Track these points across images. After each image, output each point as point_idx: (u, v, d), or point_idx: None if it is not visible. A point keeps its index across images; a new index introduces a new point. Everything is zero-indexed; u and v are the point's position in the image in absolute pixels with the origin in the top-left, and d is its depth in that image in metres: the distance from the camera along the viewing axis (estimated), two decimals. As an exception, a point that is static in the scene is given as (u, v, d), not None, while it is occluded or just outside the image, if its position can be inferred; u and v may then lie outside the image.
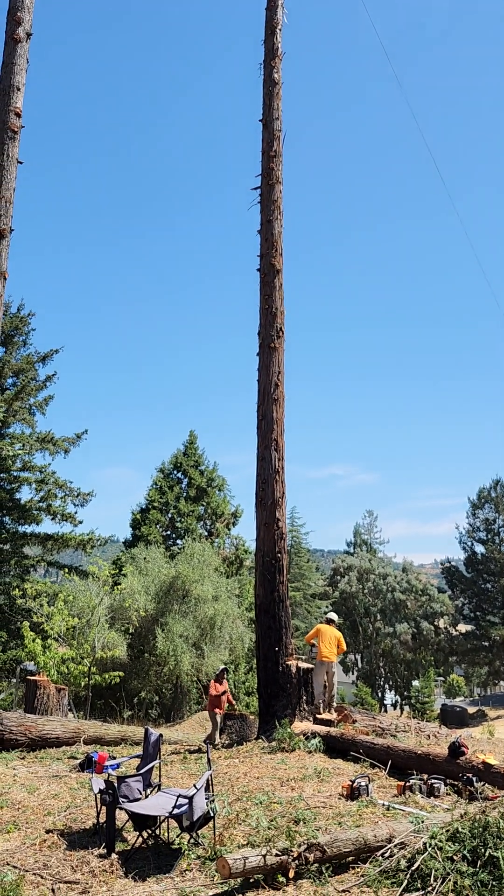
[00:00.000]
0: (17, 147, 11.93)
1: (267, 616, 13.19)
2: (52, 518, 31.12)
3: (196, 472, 37.56)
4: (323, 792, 8.25)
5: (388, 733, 12.07)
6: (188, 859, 6.22)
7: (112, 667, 22.95)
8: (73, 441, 32.07)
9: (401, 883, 5.44)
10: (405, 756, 9.45)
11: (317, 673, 13.06)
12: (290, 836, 6.39)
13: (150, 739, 7.68)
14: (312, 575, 56.68)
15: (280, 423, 14.09)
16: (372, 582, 58.77)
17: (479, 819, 5.94)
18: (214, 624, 27.04)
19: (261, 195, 15.34)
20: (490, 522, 55.72)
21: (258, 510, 13.83)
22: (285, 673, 12.67)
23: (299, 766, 9.54)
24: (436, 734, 13.15)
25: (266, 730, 12.14)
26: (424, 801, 7.81)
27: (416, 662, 57.00)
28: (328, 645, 13.30)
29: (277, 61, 15.96)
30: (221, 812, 7.04)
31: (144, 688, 26.42)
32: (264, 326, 14.58)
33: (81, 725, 12.78)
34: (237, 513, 37.87)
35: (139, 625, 25.60)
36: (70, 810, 7.63)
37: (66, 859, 6.21)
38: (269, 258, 14.87)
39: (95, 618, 22.22)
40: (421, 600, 58.54)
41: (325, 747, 10.69)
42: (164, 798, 6.80)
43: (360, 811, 7.34)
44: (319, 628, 13.43)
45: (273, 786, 8.48)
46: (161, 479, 37.21)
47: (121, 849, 6.50)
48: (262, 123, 15.72)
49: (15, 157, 11.85)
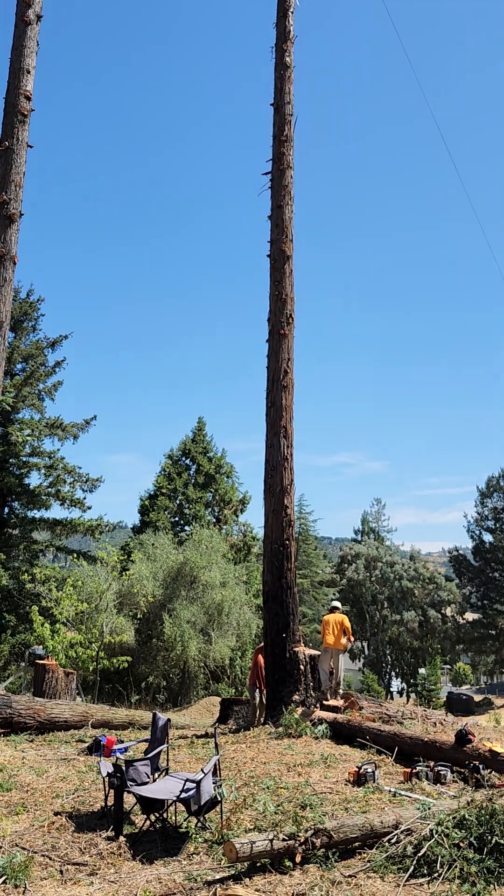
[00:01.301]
0: (27, 131, 11.87)
1: (275, 603, 13.21)
2: (60, 503, 31.27)
3: (204, 459, 37.62)
4: (329, 778, 8.28)
5: (395, 720, 12.10)
6: (195, 843, 6.26)
7: (120, 651, 23.10)
8: (81, 427, 32.15)
9: (407, 869, 5.46)
10: (412, 743, 9.48)
11: (322, 660, 13.12)
12: (296, 821, 6.42)
13: (157, 724, 7.71)
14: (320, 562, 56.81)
15: (289, 410, 14.04)
16: (379, 570, 58.82)
17: (485, 806, 5.95)
18: (222, 610, 27.15)
19: (271, 180, 15.21)
20: (498, 511, 55.56)
21: (266, 497, 13.81)
22: (293, 659, 12.70)
23: (306, 752, 9.58)
24: (442, 721, 13.16)
25: (273, 715, 12.18)
26: (431, 788, 7.83)
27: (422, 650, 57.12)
28: (332, 632, 13.49)
29: (290, 44, 15.78)
30: (229, 796, 7.08)
31: (152, 673, 26.57)
32: (274, 313, 14.50)
33: (89, 709, 12.87)
34: (245, 499, 37.95)
35: (147, 610, 25.73)
36: (78, 793, 7.69)
37: (75, 841, 6.26)
38: (279, 244, 14.77)
39: (104, 603, 22.34)
40: (428, 588, 58.59)
41: (331, 733, 10.73)
42: (171, 782, 6.84)
43: (366, 797, 7.37)
44: (324, 618, 13.81)
45: (280, 771, 8.52)
46: (169, 466, 37.29)
47: (128, 832, 6.55)
48: (274, 107, 15.57)
49: (25, 141, 11.81)
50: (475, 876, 5.32)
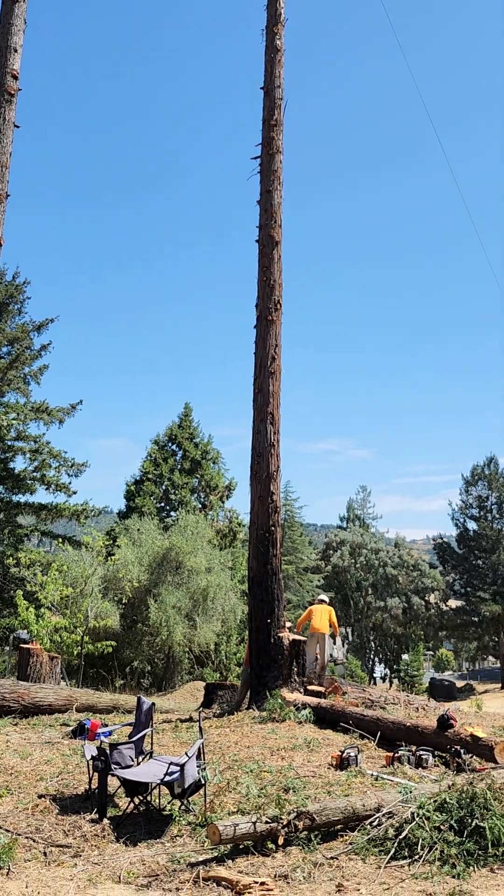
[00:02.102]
0: (14, 110, 11.70)
1: (260, 588, 13.26)
2: (46, 488, 31.13)
3: (191, 445, 37.58)
4: (313, 762, 8.35)
5: (378, 705, 12.20)
6: (179, 825, 6.31)
7: (105, 636, 23.10)
8: (67, 411, 31.96)
9: (388, 851, 5.53)
10: (394, 728, 9.57)
11: (308, 645, 13.21)
12: (279, 804, 6.48)
13: (142, 708, 7.74)
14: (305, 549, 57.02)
15: (276, 396, 14.04)
16: (364, 557, 59.14)
17: (466, 790, 6.03)
18: (207, 595, 27.23)
19: (261, 165, 15.12)
20: (483, 499, 55.96)
21: (252, 483, 13.83)
22: (277, 645, 12.76)
23: (289, 736, 9.65)
24: (424, 707, 13.29)
25: (257, 700, 12.26)
26: (413, 772, 7.92)
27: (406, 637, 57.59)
28: (319, 619, 13.61)
29: (280, 27, 15.65)
30: (212, 780, 7.13)
31: (137, 657, 26.63)
32: (262, 299, 14.46)
33: (74, 693, 12.89)
34: (231, 486, 37.97)
35: (132, 595, 25.73)
36: (62, 776, 7.71)
37: (59, 824, 6.29)
38: (268, 229, 14.71)
39: (89, 588, 22.31)
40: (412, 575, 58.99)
41: (315, 718, 10.81)
42: (155, 765, 6.87)
43: (349, 781, 7.44)
44: (310, 608, 13.92)
45: (263, 755, 8.58)
46: (156, 451, 37.23)
47: (112, 814, 6.58)
48: (264, 91, 15.45)
49: (11, 121, 11.63)
50: (455, 858, 5.39)
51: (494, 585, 53.24)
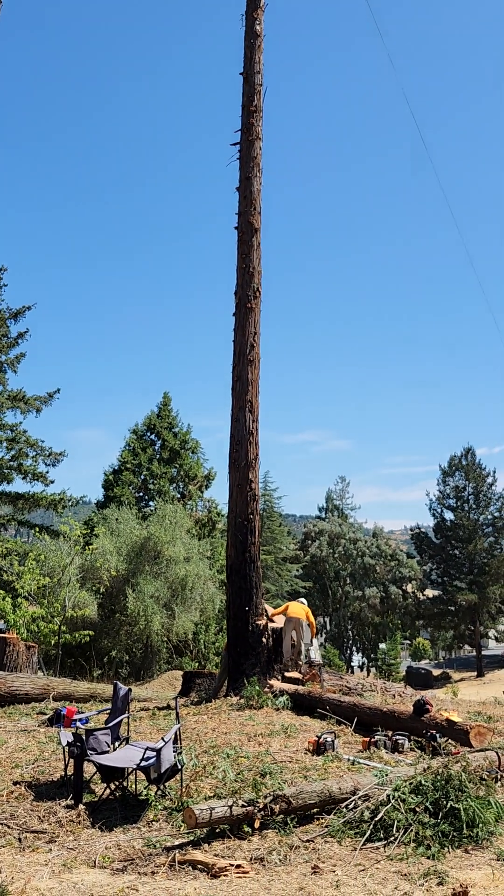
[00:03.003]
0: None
1: (238, 577, 13.25)
2: (22, 477, 30.91)
3: (169, 434, 37.44)
4: (290, 747, 8.37)
5: (355, 692, 12.27)
6: (155, 810, 6.29)
7: (82, 626, 23.02)
8: (45, 400, 31.71)
9: (364, 833, 5.55)
10: (371, 713, 9.62)
11: (285, 630, 13.24)
12: (256, 788, 6.48)
13: (118, 694, 7.71)
14: (284, 539, 57.12)
15: (255, 384, 13.99)
16: (342, 546, 59.44)
17: (441, 773, 6.07)
18: (186, 585, 27.20)
19: (240, 151, 15.01)
20: (460, 490, 56.50)
21: (231, 471, 13.79)
22: (255, 632, 12.77)
23: (267, 723, 9.67)
24: (401, 694, 13.39)
25: (235, 687, 12.26)
26: (389, 757, 7.96)
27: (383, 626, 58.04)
28: (296, 608, 13.67)
29: (260, 13, 15.52)
30: (189, 765, 7.12)
31: (115, 647, 26.56)
32: (241, 286, 14.39)
33: (51, 682, 12.82)
34: (210, 475, 37.91)
35: (110, 585, 25.64)
36: (38, 763, 7.66)
37: (34, 810, 6.25)
38: (247, 216, 14.62)
39: (66, 577, 22.22)
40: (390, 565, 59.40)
41: (292, 705, 10.84)
42: (132, 751, 6.85)
43: (325, 765, 7.47)
44: (287, 603, 13.99)
45: (241, 741, 8.59)
46: (134, 441, 37.06)
47: (88, 800, 6.55)
48: (243, 77, 15.33)
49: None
50: (430, 839, 5.43)
51: (471, 575, 53.86)
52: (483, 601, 52.01)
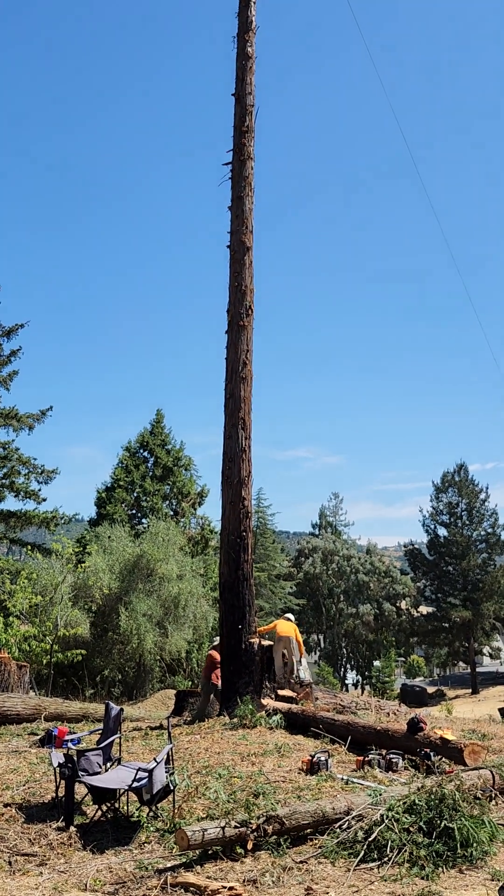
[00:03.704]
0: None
1: (231, 594, 13.20)
2: (15, 495, 30.73)
3: (162, 451, 37.40)
4: (283, 767, 8.31)
5: (349, 710, 12.21)
6: (147, 832, 6.23)
7: (75, 645, 22.85)
8: (37, 417, 31.60)
9: (358, 853, 5.51)
10: (364, 732, 9.57)
11: (275, 649, 13.17)
12: (249, 808, 6.42)
13: (110, 713, 7.65)
14: (277, 556, 56.97)
15: (247, 401, 14.02)
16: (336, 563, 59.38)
17: (435, 792, 6.04)
18: (179, 603, 27.06)
19: (232, 171, 15.13)
20: (453, 506, 56.54)
21: (224, 488, 13.78)
22: (248, 651, 12.70)
23: (260, 742, 9.60)
24: (395, 712, 13.33)
25: (228, 706, 12.18)
26: (383, 776, 7.91)
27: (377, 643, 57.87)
28: (285, 626, 13.62)
29: (251, 35, 15.70)
30: (181, 785, 7.06)
31: (107, 666, 26.35)
32: (233, 304, 14.45)
33: (42, 702, 12.73)
34: (203, 492, 37.84)
35: (103, 603, 25.49)
36: (29, 784, 7.58)
37: (24, 832, 6.18)
38: (239, 235, 14.71)
39: (58, 595, 22.09)
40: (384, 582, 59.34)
41: (286, 724, 10.77)
42: (123, 772, 6.79)
43: (319, 785, 7.42)
44: (276, 621, 13.92)
45: (234, 761, 8.52)
46: (127, 458, 37.00)
47: (80, 822, 6.48)
48: (235, 98, 15.48)
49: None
50: (424, 859, 5.39)
51: (465, 591, 53.80)
52: (477, 618, 51.92)
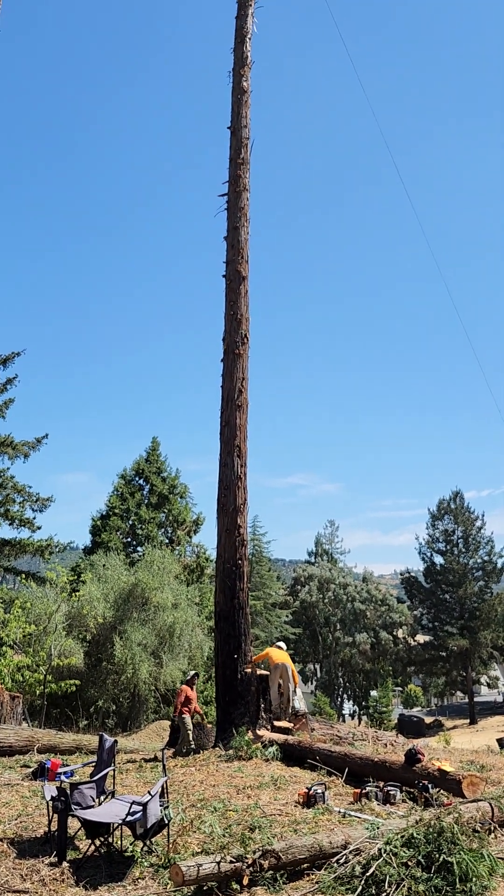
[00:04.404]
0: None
1: (226, 623, 13.12)
2: (9, 523, 30.59)
3: (158, 479, 37.35)
4: (279, 800, 8.19)
5: (346, 741, 12.07)
6: (141, 867, 6.11)
7: (68, 675, 22.62)
8: (33, 445, 31.58)
9: (355, 889, 5.41)
10: (362, 763, 9.45)
11: (271, 679, 13.03)
12: (244, 843, 6.32)
13: (104, 746, 7.55)
14: (273, 584, 56.67)
15: (243, 429, 14.07)
16: (332, 591, 59.04)
17: (433, 825, 5.95)
18: (174, 632, 26.82)
19: (228, 202, 15.36)
20: (449, 534, 56.45)
21: (219, 516, 13.77)
22: (244, 680, 12.59)
23: (256, 774, 9.48)
24: (392, 742, 13.18)
25: (224, 738, 12.04)
26: (380, 808, 7.81)
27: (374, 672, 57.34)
28: (278, 654, 13.49)
29: (247, 70, 16.04)
30: (176, 819, 6.95)
31: (101, 697, 26.04)
32: (229, 333, 14.57)
33: (35, 734, 12.56)
34: (199, 520, 37.72)
35: (97, 632, 25.26)
36: (21, 819, 7.46)
37: (16, 868, 6.06)
38: (234, 265, 14.88)
39: (52, 625, 21.90)
40: (380, 610, 58.98)
41: (282, 755, 10.64)
42: (117, 805, 6.68)
43: (315, 818, 7.31)
44: (268, 649, 13.74)
45: (229, 793, 8.41)
46: (122, 486, 36.93)
47: (72, 857, 6.36)
48: (231, 131, 15.76)
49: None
50: (423, 894, 5.30)
51: (462, 619, 53.50)
52: (474, 646, 51.57)
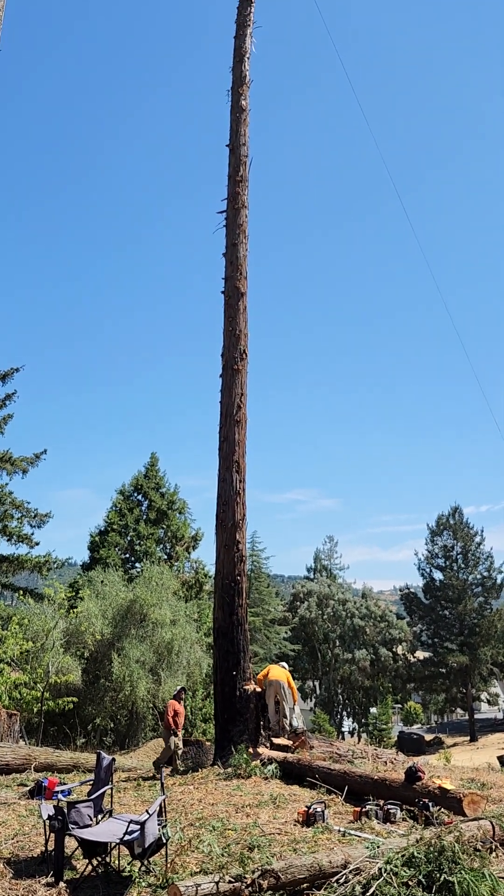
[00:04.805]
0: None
1: (225, 640, 13.06)
2: (7, 539, 30.49)
3: (156, 495, 37.30)
4: (279, 818, 8.12)
5: (345, 759, 11.97)
6: (139, 887, 6.04)
7: (66, 692, 22.46)
8: (31, 461, 31.54)
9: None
10: (361, 781, 9.37)
11: (267, 695, 12.93)
12: (243, 862, 6.25)
13: (102, 764, 7.48)
14: (272, 600, 56.41)
15: (241, 444, 14.07)
16: (331, 608, 58.79)
17: (434, 844, 5.89)
18: (172, 649, 26.66)
19: (226, 219, 15.46)
20: (448, 549, 56.31)
21: (218, 532, 13.74)
22: (243, 697, 12.52)
23: (255, 793, 9.39)
24: (392, 760, 13.08)
25: (222, 755, 11.95)
26: (380, 827, 7.73)
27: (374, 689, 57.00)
28: (277, 672, 13.38)
29: (245, 88, 16.19)
30: (174, 838, 6.88)
31: (99, 714, 25.86)
32: (228, 348, 14.61)
33: (32, 752, 12.46)
34: (197, 536, 37.63)
35: (95, 649, 25.12)
36: (18, 838, 7.38)
37: (12, 888, 5.98)
38: (233, 281, 14.95)
39: (50, 642, 21.78)
40: (380, 626, 58.71)
41: (281, 773, 10.55)
42: (115, 824, 6.61)
43: (315, 837, 7.24)
44: (269, 666, 13.61)
45: (228, 812, 8.33)
46: (121, 501, 36.87)
47: (69, 877, 6.29)
48: (229, 148, 15.89)
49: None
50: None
51: (461, 636, 53.25)
52: (474, 663, 51.30)
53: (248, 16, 16.95)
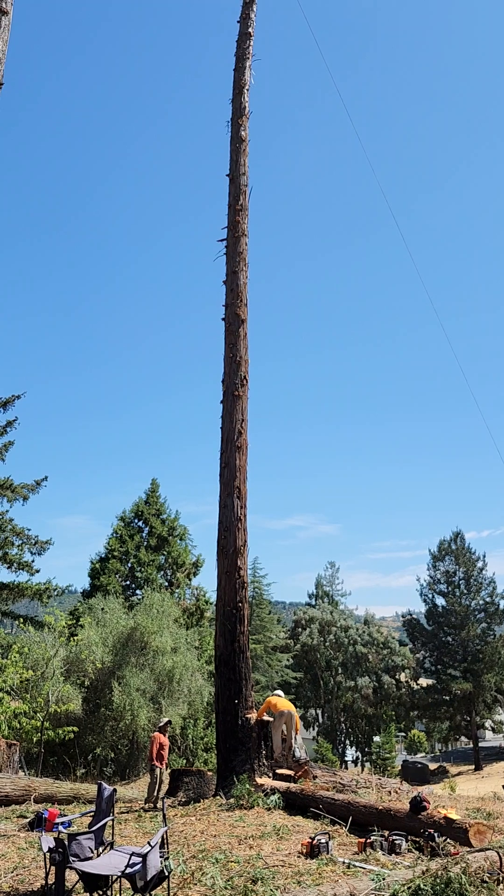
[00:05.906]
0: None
1: (227, 668, 12.95)
2: (7, 567, 30.33)
3: (157, 521, 37.22)
4: (282, 850, 8.00)
5: (349, 789, 11.83)
6: (141, 922, 5.94)
7: (66, 721, 22.23)
8: (32, 488, 31.49)
9: (361, 944, 5.25)
10: (366, 812, 9.25)
11: (275, 726, 12.81)
12: (247, 895, 6.16)
13: (103, 794, 7.39)
14: (274, 627, 56.04)
15: (243, 470, 14.08)
16: (333, 634, 58.37)
17: (440, 875, 5.81)
18: (173, 677, 26.43)
19: (227, 247, 15.63)
20: (450, 575, 55.99)
21: (219, 558, 13.69)
22: (245, 726, 12.39)
23: (258, 824, 9.27)
24: (397, 790, 12.92)
25: (224, 786, 11.80)
26: (385, 858, 7.61)
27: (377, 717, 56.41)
28: (282, 702, 13.21)
29: (244, 119, 16.46)
30: (176, 871, 6.77)
31: (100, 744, 25.55)
32: (228, 375, 14.69)
33: (32, 783, 12.31)
34: (198, 562, 37.47)
35: (95, 677, 24.90)
36: (17, 871, 7.26)
37: (11, 924, 5.89)
38: (234, 308, 15.07)
39: (50, 670, 21.59)
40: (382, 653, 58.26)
41: (284, 804, 10.43)
42: (116, 856, 6.51)
43: (319, 869, 7.13)
44: (269, 699, 13.41)
45: (231, 844, 8.21)
46: (121, 528, 36.78)
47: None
48: (229, 178, 16.11)
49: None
50: None
51: (465, 662, 52.78)
52: (478, 690, 50.77)
53: (248, 49, 17.29)
